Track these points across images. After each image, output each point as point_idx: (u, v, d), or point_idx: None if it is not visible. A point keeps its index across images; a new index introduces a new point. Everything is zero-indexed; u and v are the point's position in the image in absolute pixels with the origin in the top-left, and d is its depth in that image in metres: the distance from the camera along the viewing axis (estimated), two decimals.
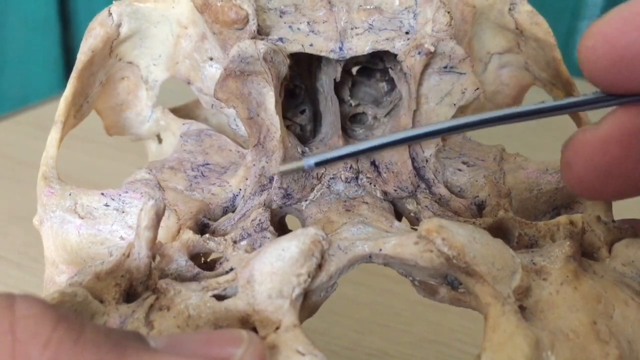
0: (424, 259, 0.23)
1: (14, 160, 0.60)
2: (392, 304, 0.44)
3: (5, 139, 0.64)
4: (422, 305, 0.43)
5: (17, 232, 0.49)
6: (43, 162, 0.28)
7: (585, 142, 0.23)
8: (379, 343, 0.41)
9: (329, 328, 0.41)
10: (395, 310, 0.43)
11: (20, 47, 0.96)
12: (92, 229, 0.26)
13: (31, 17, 0.94)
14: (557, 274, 0.23)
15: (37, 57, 0.97)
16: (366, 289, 0.45)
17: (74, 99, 0.29)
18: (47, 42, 0.96)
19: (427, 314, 0.43)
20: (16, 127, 0.67)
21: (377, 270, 0.31)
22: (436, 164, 0.29)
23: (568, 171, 0.24)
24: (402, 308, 0.43)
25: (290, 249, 0.22)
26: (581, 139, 0.23)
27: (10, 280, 0.44)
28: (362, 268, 0.25)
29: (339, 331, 0.41)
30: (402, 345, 0.41)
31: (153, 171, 0.28)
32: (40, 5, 0.94)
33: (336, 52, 0.28)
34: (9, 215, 0.51)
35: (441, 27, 0.27)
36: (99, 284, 0.22)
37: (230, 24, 0.26)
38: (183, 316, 0.22)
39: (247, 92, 0.27)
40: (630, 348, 0.21)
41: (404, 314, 0.43)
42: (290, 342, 0.20)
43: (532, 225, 0.26)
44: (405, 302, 0.44)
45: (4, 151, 0.62)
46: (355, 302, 0.44)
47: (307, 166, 0.26)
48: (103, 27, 0.29)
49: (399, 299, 0.44)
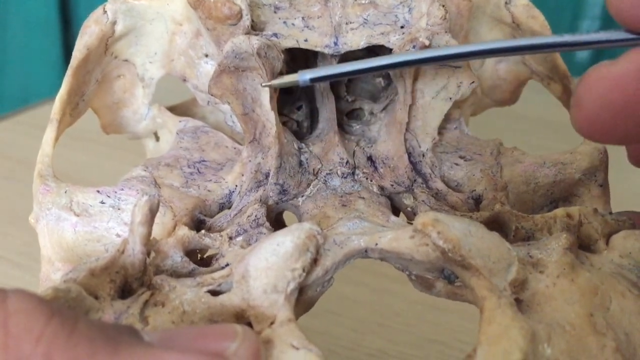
0: (419, 253, 0.23)
1: (13, 160, 0.60)
2: (392, 304, 0.44)
3: (5, 139, 0.64)
4: (422, 305, 0.43)
5: (17, 232, 0.49)
6: (39, 160, 0.28)
7: (600, 78, 0.22)
8: (379, 343, 0.41)
9: (329, 328, 0.41)
10: (395, 310, 0.43)
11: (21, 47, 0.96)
12: (88, 226, 0.26)
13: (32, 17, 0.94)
14: (553, 267, 0.23)
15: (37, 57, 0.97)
16: (366, 289, 0.45)
17: (69, 97, 0.29)
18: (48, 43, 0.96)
19: (427, 314, 0.43)
20: (16, 127, 0.67)
21: (377, 270, 0.31)
22: (433, 158, 0.29)
23: (578, 110, 0.23)
24: (402, 308, 0.43)
25: (285, 243, 0.22)
26: (596, 74, 0.22)
27: (10, 281, 0.44)
28: (362, 268, 0.24)
29: (339, 331, 0.41)
30: (402, 345, 0.41)
31: (149, 168, 0.28)
32: (40, 5, 0.94)
33: (331, 47, 0.28)
34: (9, 215, 0.51)
35: (436, 21, 0.27)
36: (93, 280, 0.22)
37: (223, 19, 0.26)
38: (178, 312, 0.22)
39: (241, 87, 0.27)
40: (628, 340, 0.21)
41: (404, 314, 0.43)
42: (285, 337, 0.20)
43: (528, 219, 0.26)
44: (405, 302, 0.44)
45: (4, 151, 0.62)
46: (355, 302, 0.44)
47: (302, 81, 0.25)
48: (98, 25, 0.29)
49: (399, 299, 0.44)
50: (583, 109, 0.23)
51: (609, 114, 0.22)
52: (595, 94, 0.22)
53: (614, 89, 0.22)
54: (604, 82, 0.22)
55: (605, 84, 0.22)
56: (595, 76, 0.22)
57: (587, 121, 0.23)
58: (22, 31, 0.95)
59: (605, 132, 0.23)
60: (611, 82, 0.22)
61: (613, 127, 0.22)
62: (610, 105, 0.22)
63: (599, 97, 0.22)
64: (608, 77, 0.22)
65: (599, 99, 0.22)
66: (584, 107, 0.23)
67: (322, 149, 0.29)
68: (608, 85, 0.22)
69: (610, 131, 0.23)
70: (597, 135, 0.23)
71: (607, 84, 0.22)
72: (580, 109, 0.23)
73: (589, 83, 0.22)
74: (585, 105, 0.22)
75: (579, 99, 0.23)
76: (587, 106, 0.22)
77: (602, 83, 0.22)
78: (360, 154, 0.29)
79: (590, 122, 0.23)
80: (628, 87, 0.22)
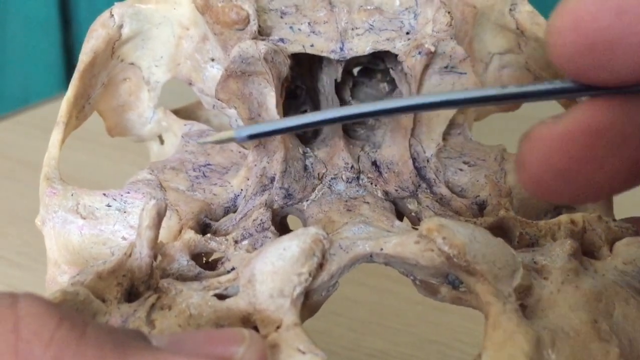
0: (424, 258, 0.23)
1: (13, 160, 0.60)
2: (392, 304, 0.44)
3: (5, 139, 0.64)
4: (422, 305, 0.43)
5: (17, 232, 0.49)
6: (45, 162, 0.28)
7: (541, 138, 0.20)
8: (379, 343, 0.41)
9: (329, 328, 0.41)
10: (395, 311, 0.43)
11: (21, 47, 0.96)
12: (94, 229, 0.27)
13: (32, 17, 0.94)
14: (557, 273, 0.23)
15: (37, 58, 0.97)
16: (366, 289, 0.45)
17: (75, 100, 0.29)
18: (48, 43, 0.96)
19: (428, 314, 0.43)
20: (16, 127, 0.67)
21: (378, 270, 0.31)
22: (437, 163, 0.29)
23: (522, 170, 0.21)
24: (402, 308, 0.43)
25: (291, 248, 0.22)
26: (537, 134, 0.20)
27: (10, 280, 0.44)
28: (362, 268, 0.25)
29: (339, 331, 0.41)
30: (402, 346, 0.41)
31: (155, 172, 0.29)
32: (40, 5, 0.94)
33: (337, 52, 0.28)
34: (8, 215, 0.51)
35: (442, 27, 0.27)
36: (100, 283, 0.22)
37: (231, 24, 0.26)
38: (184, 315, 0.22)
39: (248, 92, 0.27)
40: (631, 346, 0.21)
41: (404, 314, 0.43)
42: (292, 341, 0.20)
43: (532, 225, 0.26)
44: (406, 303, 0.44)
45: (3, 151, 0.62)
46: (355, 302, 0.44)
47: (239, 139, 0.24)
48: (105, 29, 0.29)
49: (399, 299, 0.44)
50: (527, 170, 0.21)
51: (553, 176, 0.20)
52: (537, 156, 0.20)
53: (557, 152, 0.20)
54: (545, 143, 0.20)
55: (547, 144, 0.20)
56: (537, 135, 0.21)
57: (531, 182, 0.21)
58: (22, 31, 0.95)
59: (551, 194, 0.21)
60: (554, 143, 0.20)
61: (558, 189, 0.21)
62: (553, 168, 0.20)
63: (542, 159, 0.20)
64: (550, 138, 0.20)
65: (542, 162, 0.20)
66: (527, 169, 0.21)
67: (327, 154, 0.29)
68: (550, 146, 0.20)
69: (556, 193, 0.21)
70: (545, 196, 0.22)
71: (549, 145, 0.20)
72: (524, 170, 0.21)
73: (531, 142, 0.21)
74: (528, 167, 0.21)
75: (523, 160, 0.21)
76: (530, 167, 0.21)
77: (543, 145, 0.20)
78: (365, 158, 0.30)
79: (535, 184, 0.21)
80: (572, 149, 0.20)
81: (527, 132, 0.21)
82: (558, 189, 0.21)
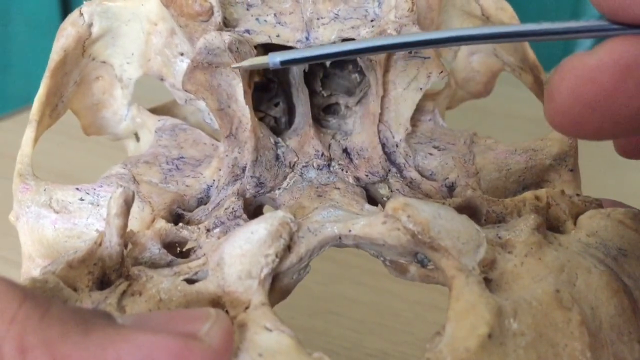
0: (391, 237, 0.23)
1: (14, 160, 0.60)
2: (392, 304, 0.44)
3: (6, 139, 0.64)
4: (422, 305, 0.43)
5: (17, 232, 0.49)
6: (18, 160, 0.28)
7: (574, 69, 0.21)
8: (379, 343, 0.41)
9: (329, 328, 0.41)
10: (395, 310, 0.43)
11: (23, 47, 0.96)
12: (67, 223, 0.27)
13: (34, 17, 0.95)
14: (521, 247, 0.23)
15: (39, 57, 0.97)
16: (366, 289, 0.45)
17: (47, 98, 0.29)
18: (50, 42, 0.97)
19: (427, 314, 0.43)
20: (18, 126, 0.67)
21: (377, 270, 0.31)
22: (406, 148, 0.30)
23: (551, 101, 0.21)
24: (402, 308, 0.43)
25: (258, 231, 0.23)
26: (570, 65, 0.21)
27: None
28: (362, 268, 0.25)
29: (339, 331, 0.41)
30: (402, 346, 0.41)
31: (128, 166, 0.29)
32: (42, 5, 0.94)
33: (303, 42, 0.28)
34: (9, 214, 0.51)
35: (403, 13, 0.27)
36: (71, 272, 0.22)
37: (194, 16, 0.26)
38: (154, 300, 0.22)
39: (216, 83, 0.27)
40: (593, 314, 0.22)
41: (404, 314, 0.43)
42: (259, 319, 0.21)
43: (499, 202, 0.26)
44: (405, 302, 0.44)
45: (4, 151, 0.61)
46: (355, 302, 0.44)
47: (272, 64, 0.25)
48: (74, 27, 0.30)
49: (399, 299, 0.44)
50: (555, 101, 0.21)
51: (582, 107, 0.21)
52: (568, 86, 0.21)
53: (588, 82, 0.20)
54: (578, 73, 0.21)
55: (579, 75, 0.21)
56: (569, 67, 0.21)
57: (558, 114, 0.22)
58: (24, 32, 0.95)
59: (577, 127, 0.22)
60: (585, 74, 0.21)
61: (585, 121, 0.21)
62: (583, 98, 0.21)
63: (572, 89, 0.21)
64: (582, 69, 0.21)
65: (572, 92, 0.21)
66: (556, 99, 0.21)
67: (298, 143, 0.30)
68: (582, 77, 0.21)
69: (582, 126, 0.21)
70: (569, 129, 0.22)
71: (581, 76, 0.21)
72: (553, 100, 0.21)
73: (562, 74, 0.21)
74: (558, 98, 0.21)
75: (552, 90, 0.21)
76: (560, 98, 0.21)
77: (575, 75, 0.21)
78: (335, 146, 0.30)
79: (562, 115, 0.21)
80: (603, 80, 0.20)
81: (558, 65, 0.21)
82: (584, 120, 0.21)
